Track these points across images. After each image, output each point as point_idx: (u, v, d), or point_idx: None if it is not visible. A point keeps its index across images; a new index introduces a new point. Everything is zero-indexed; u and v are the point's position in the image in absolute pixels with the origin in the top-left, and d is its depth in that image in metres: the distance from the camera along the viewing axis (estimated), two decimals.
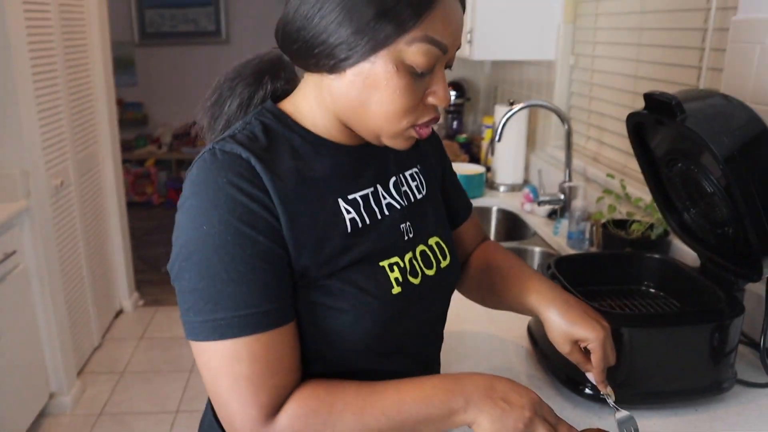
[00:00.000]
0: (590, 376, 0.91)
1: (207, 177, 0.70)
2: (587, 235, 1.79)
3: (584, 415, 1.04)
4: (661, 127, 1.13)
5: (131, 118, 5.44)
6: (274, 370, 0.70)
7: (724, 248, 1.14)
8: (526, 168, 2.53)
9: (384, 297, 0.77)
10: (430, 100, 0.74)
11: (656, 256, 1.28)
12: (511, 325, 1.33)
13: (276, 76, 0.83)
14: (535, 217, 2.14)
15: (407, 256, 0.82)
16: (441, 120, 3.21)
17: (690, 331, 1.04)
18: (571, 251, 1.80)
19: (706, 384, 1.06)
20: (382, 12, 0.67)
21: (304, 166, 0.76)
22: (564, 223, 1.92)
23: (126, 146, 5.04)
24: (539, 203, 2.02)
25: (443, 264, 0.87)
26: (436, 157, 0.97)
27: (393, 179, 0.86)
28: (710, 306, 1.07)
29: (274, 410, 0.70)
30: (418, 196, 0.88)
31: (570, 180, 2.00)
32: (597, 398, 1.05)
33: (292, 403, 0.71)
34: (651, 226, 1.49)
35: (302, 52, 0.73)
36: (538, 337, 1.22)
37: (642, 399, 1.04)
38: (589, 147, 2.18)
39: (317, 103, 0.77)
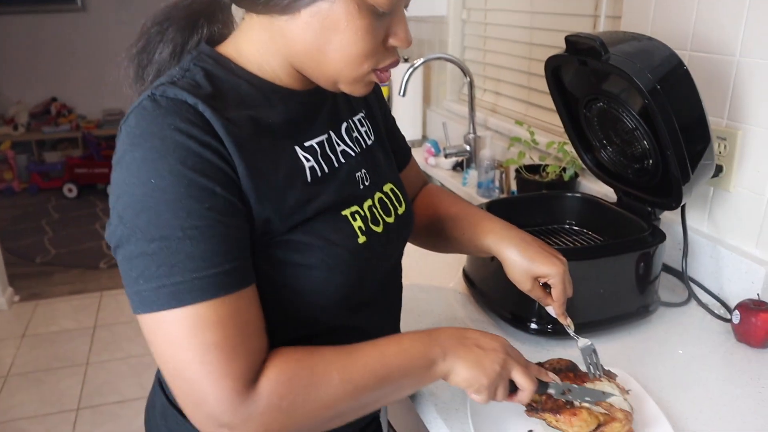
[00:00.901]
0: (550, 309, 0.94)
1: (150, 125, 0.62)
2: (497, 183, 1.85)
3: (534, 350, 1.07)
4: (580, 69, 1.17)
5: None
6: (246, 333, 0.64)
7: (641, 182, 1.21)
8: (424, 124, 2.55)
9: (351, 247, 0.74)
10: (392, 41, 0.70)
11: (577, 194, 1.34)
12: (444, 273, 1.34)
13: (212, 18, 0.76)
14: (441, 170, 2.17)
15: (366, 204, 0.79)
16: None
17: (620, 261, 1.10)
18: (482, 200, 1.85)
19: (635, 308, 1.13)
20: None
21: (256, 113, 0.70)
22: (472, 174, 1.97)
23: None
24: (446, 155, 2.05)
25: (400, 210, 0.85)
26: (376, 100, 0.94)
27: (344, 125, 0.82)
28: (635, 236, 1.13)
29: (251, 378, 0.63)
30: (369, 142, 0.85)
31: (474, 131, 2.04)
32: (543, 332, 1.09)
33: (271, 368, 0.65)
34: (564, 169, 1.55)
35: None
36: (475, 280, 1.24)
37: (580, 329, 1.09)
38: (486, 99, 2.23)
39: (265, 47, 0.71)
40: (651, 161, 1.13)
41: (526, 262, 0.90)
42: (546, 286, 0.93)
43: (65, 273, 3.55)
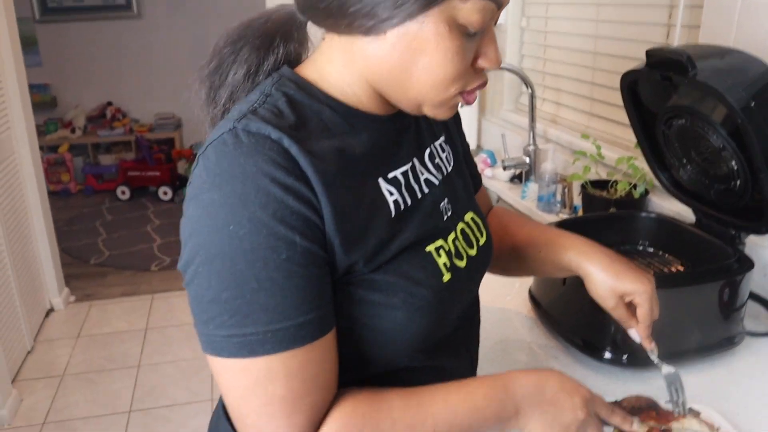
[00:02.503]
0: (633, 333, 0.87)
1: (231, 165, 0.59)
2: (559, 197, 1.78)
3: (607, 381, 1.02)
4: (659, 84, 1.10)
5: (38, 101, 4.99)
6: (312, 387, 0.61)
7: (724, 203, 1.14)
8: (479, 133, 2.50)
9: (436, 286, 0.69)
10: (481, 63, 0.65)
11: (652, 214, 1.27)
12: (509, 294, 1.29)
13: (288, 38, 0.72)
14: (497, 182, 2.11)
15: (450, 238, 0.75)
16: None
17: (704, 290, 1.04)
18: (543, 215, 1.79)
19: (718, 340, 1.07)
20: None
21: (341, 143, 0.66)
22: (532, 187, 1.91)
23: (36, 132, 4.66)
24: (505, 168, 1.99)
25: (481, 241, 0.81)
26: (455, 123, 0.90)
27: (428, 151, 0.78)
28: (719, 262, 1.07)
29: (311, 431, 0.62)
30: (449, 169, 0.81)
31: (534, 143, 1.98)
32: (618, 362, 1.03)
33: (332, 423, 0.62)
34: (634, 186, 1.48)
35: (332, 11, 0.63)
36: (542, 302, 1.19)
37: (662, 359, 1.04)
38: (546, 109, 2.17)
39: (346, 69, 0.67)
40: (738, 182, 1.06)
41: (611, 278, 0.84)
42: (630, 306, 0.87)
43: (118, 275, 3.61)
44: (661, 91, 1.13)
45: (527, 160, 1.98)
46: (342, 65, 0.67)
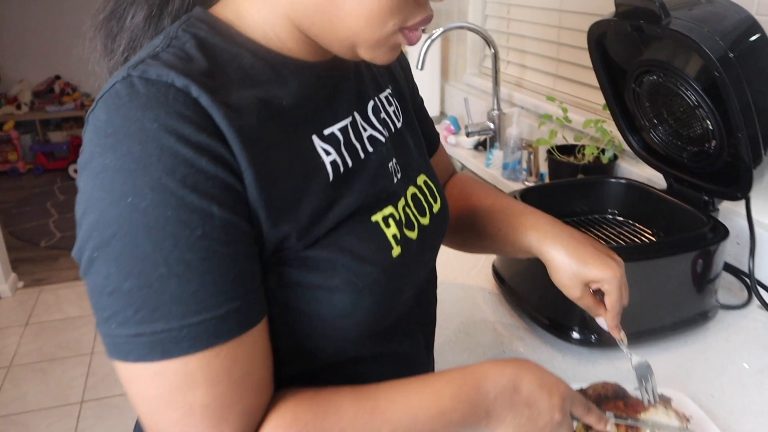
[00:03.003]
0: (601, 321, 0.79)
1: (126, 122, 0.47)
2: (524, 165, 1.69)
3: (575, 363, 0.94)
4: (630, 37, 1.01)
5: None
6: (242, 391, 0.50)
7: (697, 167, 1.06)
8: (442, 99, 2.39)
9: (384, 262, 0.58)
10: None
11: (622, 180, 1.18)
12: (469, 268, 1.20)
13: None
14: (461, 150, 2.01)
15: (400, 204, 0.64)
16: None
17: (676, 261, 0.95)
18: (508, 183, 1.70)
19: (691, 315, 0.99)
20: None
21: (265, 93, 0.54)
22: (497, 154, 1.81)
23: None
24: (468, 134, 1.89)
25: (435, 208, 0.70)
26: (403, 73, 0.78)
27: (371, 104, 0.66)
28: (693, 231, 0.98)
29: None
30: (398, 125, 0.70)
31: (498, 108, 1.88)
32: (587, 342, 0.95)
33: None
34: (602, 150, 1.40)
35: None
36: (506, 277, 1.10)
37: (629, 338, 0.95)
38: (510, 72, 2.06)
39: (266, 6, 0.55)
40: (714, 143, 0.98)
41: (576, 264, 0.74)
42: (597, 293, 0.78)
43: (71, 257, 3.45)
44: (632, 45, 1.03)
45: (491, 125, 1.88)
46: (261, 3, 0.56)
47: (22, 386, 2.42)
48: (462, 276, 1.18)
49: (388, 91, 0.71)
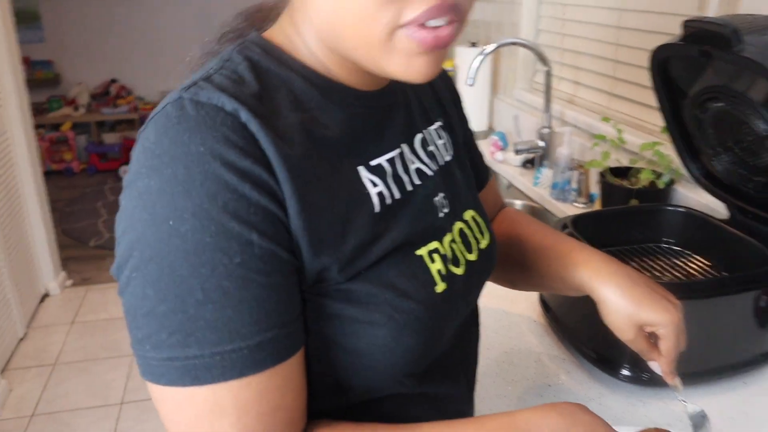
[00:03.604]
0: (654, 366, 0.74)
1: (173, 144, 0.46)
2: (574, 185, 1.64)
3: (624, 402, 0.89)
4: (695, 62, 0.96)
5: (41, 78, 4.91)
6: (271, 423, 0.49)
7: (762, 197, 1.00)
8: (491, 114, 2.35)
9: (427, 299, 0.56)
10: None
11: (680, 208, 1.13)
12: (516, 294, 1.15)
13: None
14: (508, 167, 1.97)
15: (446, 239, 0.61)
16: None
17: (740, 299, 0.90)
18: (556, 203, 1.65)
19: (753, 355, 0.94)
20: None
21: (311, 120, 0.53)
22: (545, 173, 1.76)
23: (38, 109, 4.57)
24: (517, 151, 1.84)
25: (482, 244, 0.67)
26: (454, 106, 0.76)
27: (419, 136, 0.64)
28: (757, 266, 0.92)
29: None
30: (447, 158, 0.67)
31: (549, 125, 1.83)
32: (637, 380, 0.90)
33: None
34: (659, 175, 1.34)
35: None
36: (553, 307, 1.06)
37: (686, 379, 0.90)
38: (563, 89, 2.01)
39: (305, 29, 0.54)
40: None
41: (630, 305, 0.70)
42: (651, 336, 0.73)
43: None
44: (697, 69, 0.98)
45: (541, 143, 1.84)
46: (304, 28, 0.54)
47: (65, 384, 2.47)
48: (507, 303, 1.15)
49: (438, 124, 0.69)
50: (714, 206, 1.22)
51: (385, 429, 0.54)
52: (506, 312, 1.12)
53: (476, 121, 2.27)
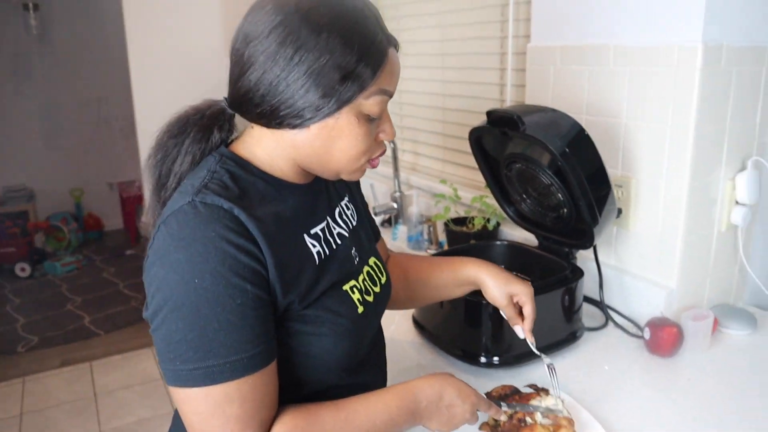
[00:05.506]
0: (518, 329, 1.11)
1: (193, 231, 0.73)
2: (426, 236, 2.03)
3: (484, 380, 1.21)
4: (499, 137, 1.37)
5: None
6: (260, 406, 0.77)
7: (557, 227, 1.42)
8: None
9: (354, 317, 0.88)
10: (381, 136, 0.86)
11: (505, 242, 1.54)
12: (395, 328, 1.47)
13: (221, 128, 0.87)
14: None
15: (360, 278, 0.93)
16: None
17: (549, 297, 1.29)
18: (413, 252, 2.02)
19: (565, 336, 1.32)
20: (345, 75, 0.77)
21: (275, 208, 0.82)
22: (401, 229, 2.14)
23: None
24: (376, 214, 2.20)
25: (382, 280, 1.00)
26: (355, 186, 1.09)
27: (337, 210, 0.96)
28: (558, 274, 1.33)
29: None
30: (353, 223, 0.99)
31: (399, 190, 2.23)
32: (491, 365, 1.24)
33: None
34: (488, 219, 1.76)
35: (266, 114, 0.80)
36: (425, 325, 1.38)
37: (521, 358, 1.26)
38: (406, 159, 2.44)
39: (276, 152, 0.84)
40: (565, 210, 1.35)
41: (502, 282, 1.09)
42: (516, 306, 1.11)
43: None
44: (501, 143, 1.40)
45: (395, 205, 2.22)
46: (272, 149, 0.84)
47: None
48: (390, 330, 1.46)
49: (346, 199, 1.01)
50: (529, 238, 1.65)
51: (329, 404, 0.83)
52: (392, 340, 1.43)
53: None
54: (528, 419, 0.99)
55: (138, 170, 3.84)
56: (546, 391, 1.06)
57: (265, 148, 0.85)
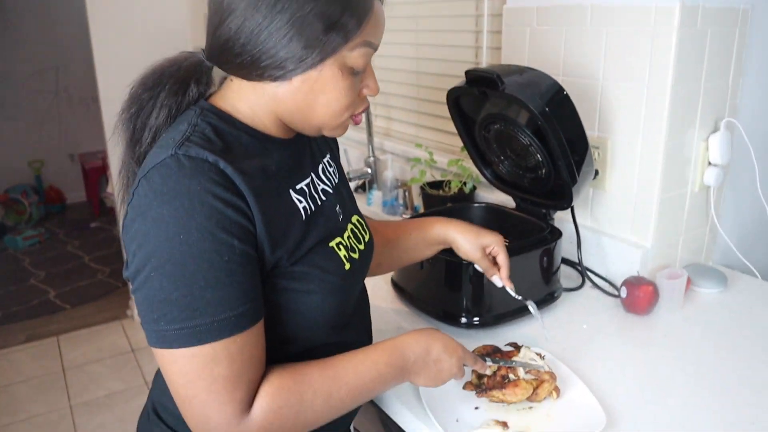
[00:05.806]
0: (496, 279, 1.13)
1: (177, 184, 0.70)
2: (401, 201, 2.02)
3: (465, 340, 1.18)
4: (478, 97, 1.36)
5: None
6: (248, 366, 0.74)
7: (535, 189, 1.43)
8: None
9: (341, 273, 0.86)
10: (365, 92, 0.84)
11: (482, 204, 1.54)
12: (374, 291, 1.46)
13: (199, 81, 0.83)
14: None
15: (345, 236, 0.92)
16: None
17: (528, 258, 1.30)
18: (388, 217, 2.01)
19: (543, 296, 1.33)
20: (330, 25, 0.74)
21: (260, 162, 0.80)
22: (376, 194, 2.13)
23: None
24: (350, 179, 2.19)
25: (366, 238, 0.99)
26: (334, 143, 1.07)
27: (321, 166, 0.94)
28: (537, 235, 1.34)
29: (248, 405, 0.74)
30: (336, 181, 0.98)
31: (373, 155, 2.21)
32: (471, 325, 1.25)
33: (264, 398, 0.76)
34: (464, 183, 1.75)
35: (246, 65, 0.77)
36: (405, 287, 1.38)
37: (500, 318, 1.27)
38: (379, 124, 2.41)
39: (258, 105, 0.81)
40: (544, 171, 1.35)
41: (472, 236, 1.11)
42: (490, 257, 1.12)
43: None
44: (479, 103, 1.39)
45: (369, 170, 2.20)
46: (253, 102, 0.81)
47: None
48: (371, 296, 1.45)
49: (328, 156, 1.00)
50: (506, 200, 1.65)
51: (316, 362, 0.82)
52: (374, 306, 1.43)
53: None
54: (511, 375, 1.00)
55: (101, 141, 3.73)
56: (528, 348, 1.07)
57: (247, 101, 0.82)
